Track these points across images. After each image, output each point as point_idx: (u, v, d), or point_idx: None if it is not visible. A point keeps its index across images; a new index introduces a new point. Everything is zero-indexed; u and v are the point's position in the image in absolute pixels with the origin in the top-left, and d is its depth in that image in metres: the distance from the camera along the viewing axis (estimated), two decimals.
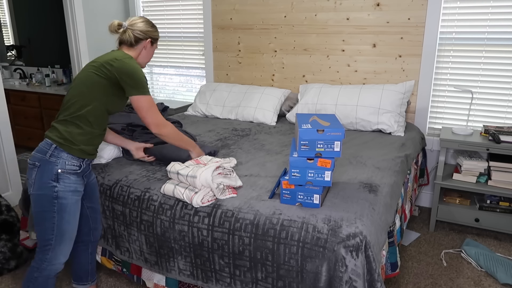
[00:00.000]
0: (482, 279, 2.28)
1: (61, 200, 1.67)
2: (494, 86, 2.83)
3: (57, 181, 1.66)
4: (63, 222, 1.70)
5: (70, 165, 1.69)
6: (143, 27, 1.84)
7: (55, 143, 1.67)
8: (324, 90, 3.05)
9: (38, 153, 1.68)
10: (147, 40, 1.86)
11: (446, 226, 2.90)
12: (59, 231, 1.70)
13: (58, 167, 1.66)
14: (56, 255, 1.72)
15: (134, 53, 1.85)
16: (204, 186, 1.73)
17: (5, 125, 3.11)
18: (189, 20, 3.91)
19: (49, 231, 1.69)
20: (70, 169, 1.69)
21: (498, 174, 2.59)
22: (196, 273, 1.80)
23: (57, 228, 1.69)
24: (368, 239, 1.52)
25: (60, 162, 1.67)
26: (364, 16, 3.10)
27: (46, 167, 1.66)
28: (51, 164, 1.66)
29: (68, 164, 1.68)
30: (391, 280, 2.26)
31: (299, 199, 1.69)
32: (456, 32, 2.86)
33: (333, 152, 1.63)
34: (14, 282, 2.28)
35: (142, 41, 1.85)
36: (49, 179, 1.65)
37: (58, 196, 1.67)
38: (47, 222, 1.68)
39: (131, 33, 1.81)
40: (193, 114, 3.45)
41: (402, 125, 2.78)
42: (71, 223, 1.72)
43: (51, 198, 1.66)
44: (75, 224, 1.75)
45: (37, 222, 1.70)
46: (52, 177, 1.65)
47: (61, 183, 1.67)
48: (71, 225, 1.73)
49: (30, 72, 5.13)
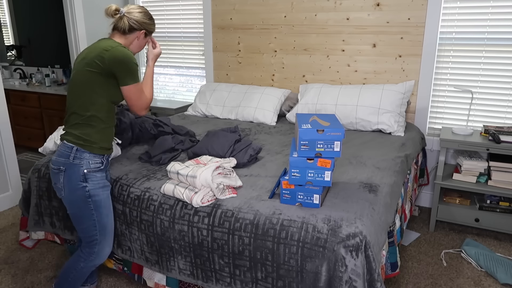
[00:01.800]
0: (482, 279, 2.28)
1: (94, 198, 1.74)
2: (494, 86, 2.83)
3: (86, 181, 1.71)
4: (102, 216, 1.78)
5: (94, 163, 1.73)
6: (140, 17, 1.80)
7: (76, 145, 1.70)
8: (324, 90, 3.05)
9: (60, 157, 1.71)
10: (141, 31, 1.82)
11: (446, 226, 2.90)
12: (101, 226, 1.79)
13: (84, 167, 1.71)
14: (103, 247, 1.83)
15: (125, 42, 1.81)
16: (204, 186, 1.73)
17: (5, 125, 3.11)
18: (189, 20, 3.91)
19: (91, 228, 1.77)
20: (95, 167, 1.74)
21: (498, 174, 2.59)
22: (196, 273, 1.80)
23: (98, 223, 1.78)
24: (368, 239, 1.52)
25: (85, 162, 1.71)
26: (364, 16, 3.10)
27: (72, 170, 1.70)
28: (76, 166, 1.70)
29: (92, 163, 1.73)
30: (391, 280, 2.26)
31: (299, 199, 1.69)
32: (456, 32, 2.86)
33: (333, 152, 1.63)
34: (14, 282, 2.28)
35: (136, 31, 1.81)
36: (78, 181, 1.70)
37: (90, 194, 1.73)
38: (87, 220, 1.76)
39: (126, 21, 1.77)
40: (193, 114, 3.46)
41: (402, 125, 2.78)
42: (109, 216, 1.82)
43: (84, 198, 1.72)
44: (112, 215, 1.85)
45: (77, 222, 1.78)
46: (80, 178, 1.70)
47: (90, 182, 1.72)
48: (109, 218, 1.82)
49: (30, 72, 5.13)
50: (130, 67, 1.70)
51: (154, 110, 3.84)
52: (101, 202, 1.76)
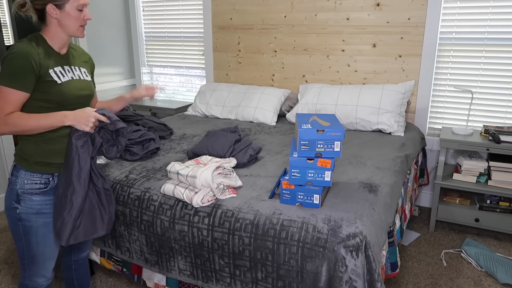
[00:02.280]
0: (482, 279, 2.28)
1: (24, 223, 1.52)
2: (494, 86, 2.83)
3: (18, 202, 1.50)
4: (30, 244, 1.55)
5: (30, 183, 1.49)
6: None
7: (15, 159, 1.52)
8: (324, 90, 3.05)
9: None
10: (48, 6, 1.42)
11: (446, 226, 2.90)
12: (29, 253, 1.57)
13: (18, 187, 1.49)
14: (34, 273, 1.61)
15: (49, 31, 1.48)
16: (204, 186, 1.73)
17: None
18: (189, 20, 3.91)
19: (20, 251, 1.59)
20: (31, 188, 1.49)
21: (498, 174, 2.59)
22: (196, 273, 1.80)
23: (26, 250, 1.57)
24: (368, 239, 1.52)
25: (19, 181, 1.49)
26: (364, 16, 3.10)
27: (10, 187, 1.52)
28: (12, 183, 1.51)
29: (27, 183, 1.49)
30: (391, 280, 2.26)
31: (299, 199, 1.69)
32: (456, 32, 2.86)
33: (333, 152, 1.63)
34: (14, 282, 2.28)
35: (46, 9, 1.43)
36: (12, 200, 1.51)
37: (21, 218, 1.52)
38: (18, 243, 1.57)
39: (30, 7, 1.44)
40: (193, 114, 3.46)
41: (402, 125, 2.78)
42: (40, 246, 1.56)
43: (15, 220, 1.53)
44: (48, 245, 1.59)
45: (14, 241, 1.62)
46: (13, 197, 1.50)
47: (23, 205, 1.50)
48: (40, 248, 1.57)
49: None
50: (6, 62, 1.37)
51: (154, 110, 3.84)
52: (31, 229, 1.52)
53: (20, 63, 1.37)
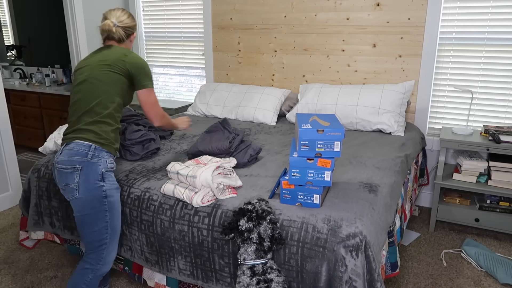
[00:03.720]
0: (482, 279, 2.28)
1: (110, 198, 1.72)
2: (494, 86, 2.83)
3: (103, 180, 1.70)
4: (114, 219, 1.76)
5: (110, 163, 1.75)
6: (130, 22, 1.89)
7: (94, 143, 1.70)
8: (324, 90, 3.05)
9: (75, 156, 1.67)
10: (133, 34, 1.94)
11: (446, 226, 2.90)
12: (112, 228, 1.76)
13: (102, 166, 1.70)
14: (110, 252, 1.78)
15: (127, 45, 1.93)
16: (204, 186, 1.73)
17: (5, 125, 3.11)
18: (189, 20, 3.91)
19: (103, 230, 1.73)
20: (111, 167, 1.76)
21: (498, 174, 2.59)
22: (196, 273, 1.80)
23: (110, 226, 1.75)
24: (368, 239, 1.52)
25: (102, 161, 1.71)
26: (364, 16, 3.10)
27: (89, 168, 1.68)
28: (94, 164, 1.69)
29: (109, 162, 1.74)
30: (391, 280, 2.26)
31: (299, 199, 1.69)
32: (456, 32, 2.86)
33: (333, 152, 1.63)
34: (14, 282, 2.28)
35: (130, 36, 1.93)
36: (95, 180, 1.68)
37: (107, 195, 1.71)
38: (101, 222, 1.72)
39: (121, 30, 1.86)
40: (193, 114, 3.46)
41: (402, 125, 2.78)
42: (120, 219, 1.81)
43: (101, 198, 1.70)
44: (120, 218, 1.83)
45: (89, 225, 1.71)
46: (98, 177, 1.69)
47: (107, 182, 1.72)
48: (119, 221, 1.81)
49: (30, 72, 5.13)
50: (148, 71, 1.83)
51: None
52: (115, 204, 1.75)
53: None
